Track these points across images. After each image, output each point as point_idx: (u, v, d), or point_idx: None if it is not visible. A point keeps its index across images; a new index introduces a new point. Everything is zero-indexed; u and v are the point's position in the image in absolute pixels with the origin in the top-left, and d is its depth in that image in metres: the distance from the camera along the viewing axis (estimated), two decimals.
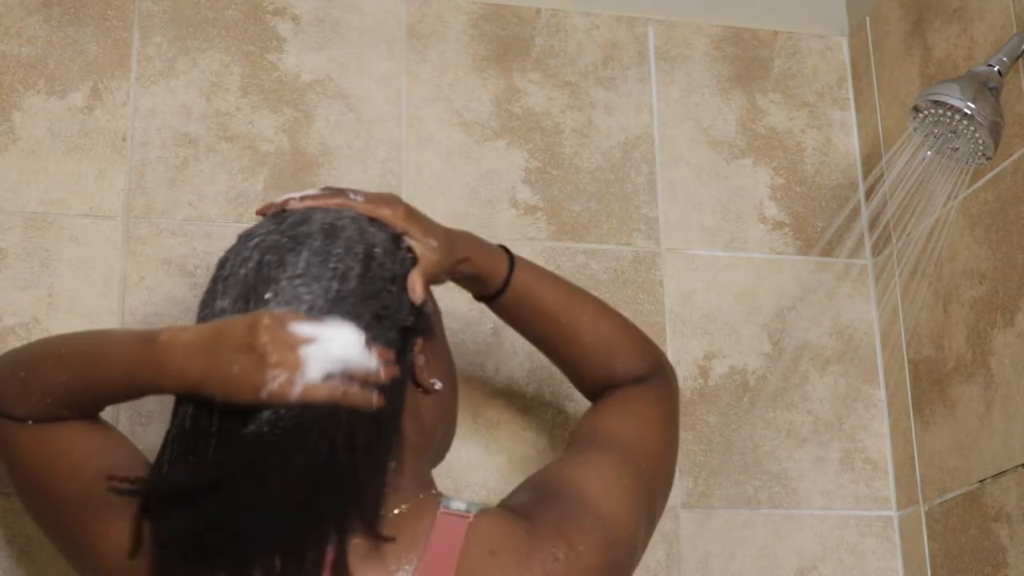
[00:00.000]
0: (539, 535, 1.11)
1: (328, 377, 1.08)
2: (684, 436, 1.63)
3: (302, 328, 1.09)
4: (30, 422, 1.21)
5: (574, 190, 1.70)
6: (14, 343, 1.49)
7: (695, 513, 1.62)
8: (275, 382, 1.07)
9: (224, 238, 1.57)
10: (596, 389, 1.35)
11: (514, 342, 1.61)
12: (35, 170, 1.56)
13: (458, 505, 1.13)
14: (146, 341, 1.14)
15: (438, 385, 1.21)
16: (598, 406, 1.34)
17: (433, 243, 1.21)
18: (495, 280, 1.30)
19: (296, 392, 1.07)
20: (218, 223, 1.59)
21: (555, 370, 1.60)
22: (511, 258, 1.32)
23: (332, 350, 1.09)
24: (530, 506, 1.15)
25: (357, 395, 1.09)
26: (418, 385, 1.18)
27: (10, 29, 1.60)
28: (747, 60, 1.82)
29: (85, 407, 1.21)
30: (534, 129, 1.72)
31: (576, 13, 1.78)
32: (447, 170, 1.67)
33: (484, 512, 1.13)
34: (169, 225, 1.58)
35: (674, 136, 1.76)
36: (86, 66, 1.61)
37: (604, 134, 1.74)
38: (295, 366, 1.07)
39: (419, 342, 1.18)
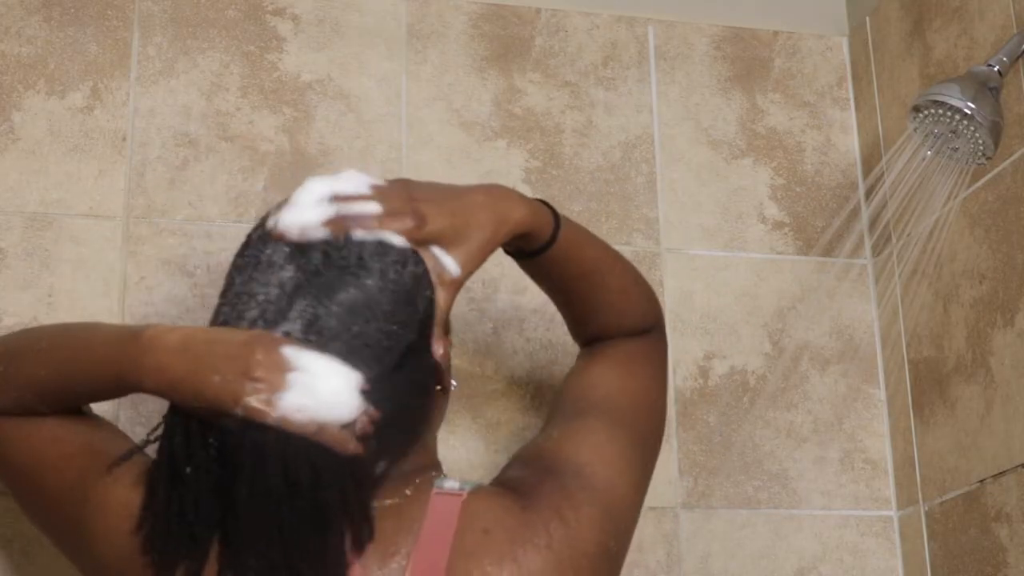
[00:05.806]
0: (534, 511, 1.11)
1: (301, 410, 1.06)
2: (684, 436, 1.63)
3: (297, 356, 1.07)
4: (12, 417, 1.19)
5: (574, 190, 1.70)
6: None
7: (695, 513, 1.62)
8: (255, 398, 1.05)
9: (224, 238, 1.57)
10: (594, 338, 1.32)
11: (514, 342, 1.61)
12: (35, 170, 1.56)
13: (451, 484, 1.13)
14: (130, 337, 1.12)
15: (455, 385, 1.20)
16: (591, 363, 1.30)
17: (453, 270, 1.15)
18: (538, 240, 1.22)
19: (275, 414, 1.05)
20: (218, 223, 1.59)
21: (556, 370, 1.60)
22: (555, 214, 1.24)
23: (318, 387, 1.06)
24: (524, 481, 1.15)
25: (334, 436, 1.06)
26: (442, 388, 1.18)
27: (10, 29, 1.60)
28: (747, 60, 1.82)
29: (65, 403, 1.19)
30: (534, 129, 1.72)
31: (576, 13, 1.78)
32: (447, 170, 1.67)
33: (478, 490, 1.13)
34: (169, 225, 1.58)
35: (674, 136, 1.76)
36: (86, 66, 1.61)
37: (604, 134, 1.74)
38: (278, 387, 1.05)
39: (448, 343, 1.17)
